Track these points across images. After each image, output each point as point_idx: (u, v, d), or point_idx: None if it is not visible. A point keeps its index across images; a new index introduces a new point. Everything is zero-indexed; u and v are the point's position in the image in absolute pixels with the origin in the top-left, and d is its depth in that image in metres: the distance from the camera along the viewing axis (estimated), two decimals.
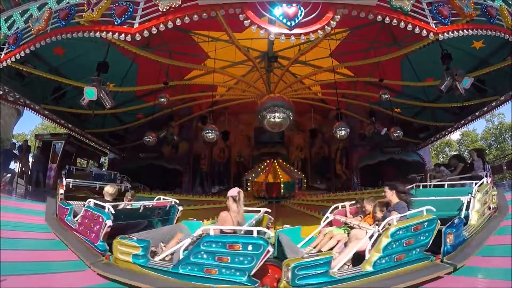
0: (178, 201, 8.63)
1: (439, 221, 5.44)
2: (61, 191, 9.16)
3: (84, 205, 7.20)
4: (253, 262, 4.63)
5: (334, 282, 4.68)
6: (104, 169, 19.13)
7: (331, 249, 6.01)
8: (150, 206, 7.93)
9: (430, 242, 5.38)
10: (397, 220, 5.33)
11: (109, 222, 6.25)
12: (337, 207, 7.56)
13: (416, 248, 5.28)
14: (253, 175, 17.31)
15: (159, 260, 5.39)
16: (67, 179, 10.03)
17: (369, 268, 4.92)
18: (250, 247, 4.67)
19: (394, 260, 5.09)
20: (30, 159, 17.05)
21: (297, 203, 15.19)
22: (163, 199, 8.49)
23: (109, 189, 8.16)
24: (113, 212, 6.42)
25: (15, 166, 16.39)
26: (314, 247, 6.36)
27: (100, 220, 6.37)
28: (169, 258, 5.58)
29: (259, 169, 17.60)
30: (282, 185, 16.33)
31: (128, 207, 8.02)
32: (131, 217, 7.50)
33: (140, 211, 7.59)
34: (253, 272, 4.66)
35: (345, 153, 21.61)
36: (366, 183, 19.75)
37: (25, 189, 15.53)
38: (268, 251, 4.66)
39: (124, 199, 9.17)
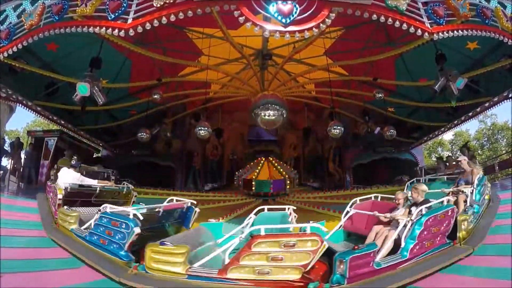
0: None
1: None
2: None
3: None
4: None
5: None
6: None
7: None
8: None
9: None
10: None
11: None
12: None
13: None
14: (247, 172, 17.29)
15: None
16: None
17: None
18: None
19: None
20: (22, 156, 16.91)
21: (297, 200, 15.17)
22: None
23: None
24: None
25: (7, 163, 16.29)
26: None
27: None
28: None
29: (252, 167, 17.58)
30: (274, 183, 16.32)
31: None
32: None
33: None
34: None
35: (338, 151, 21.56)
36: (358, 182, 19.76)
37: (17, 186, 15.41)
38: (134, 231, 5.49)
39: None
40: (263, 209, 7.25)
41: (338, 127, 12.26)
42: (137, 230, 5.62)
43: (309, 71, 14.99)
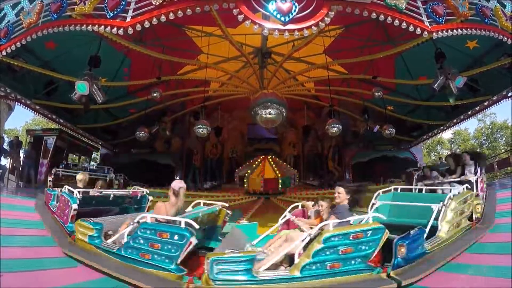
0: (148, 191, 9.32)
1: (387, 230, 4.95)
2: (50, 178, 10.10)
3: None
4: (178, 251, 4.89)
5: (255, 281, 4.51)
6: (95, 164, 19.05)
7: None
8: (121, 194, 8.77)
9: (375, 253, 4.92)
10: (334, 225, 4.94)
11: (75, 206, 7.04)
12: (296, 206, 7.19)
13: (356, 258, 4.82)
14: (245, 170, 17.29)
15: (111, 242, 5.76)
16: (57, 169, 10.81)
17: (296, 272, 4.61)
18: (176, 237, 4.94)
19: (327, 268, 4.70)
20: (21, 154, 16.90)
21: (282, 199, 15.18)
22: (204, 203, 7.75)
23: (79, 176, 8.87)
24: (79, 197, 7.19)
25: (6, 162, 16.28)
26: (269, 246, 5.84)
27: (69, 204, 7.18)
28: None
29: (251, 165, 17.58)
30: (274, 181, 16.33)
31: (97, 194, 8.56)
32: (102, 204, 8.21)
33: (110, 199, 8.36)
34: (179, 261, 4.92)
35: (337, 150, 21.61)
36: (358, 180, 19.77)
37: (16, 185, 15.41)
38: (191, 242, 4.89)
39: (95, 187, 9.55)
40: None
41: (336, 125, 12.27)
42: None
43: (309, 69, 14.97)
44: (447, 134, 45.15)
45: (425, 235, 5.43)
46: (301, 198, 15.01)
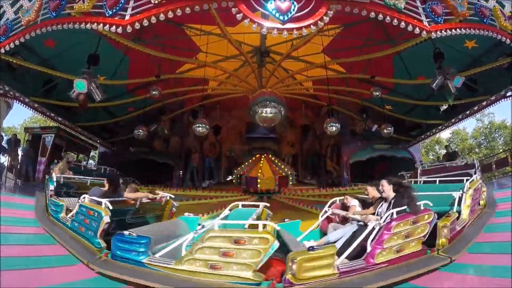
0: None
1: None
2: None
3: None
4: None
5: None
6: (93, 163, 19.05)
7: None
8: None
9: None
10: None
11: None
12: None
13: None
14: (244, 170, 17.31)
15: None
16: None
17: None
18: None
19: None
20: (20, 152, 16.87)
21: (289, 197, 15.20)
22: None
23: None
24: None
25: (4, 160, 16.26)
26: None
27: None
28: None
29: (250, 164, 17.60)
30: (272, 180, 16.35)
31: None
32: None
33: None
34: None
35: (336, 149, 21.60)
36: (356, 179, 19.82)
37: (14, 183, 15.38)
38: (104, 220, 5.58)
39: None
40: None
41: (335, 125, 12.28)
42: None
43: (307, 68, 14.97)
44: (445, 134, 45.26)
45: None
46: (300, 197, 15.08)
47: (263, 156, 17.84)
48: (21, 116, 64.95)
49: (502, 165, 17.97)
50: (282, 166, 17.59)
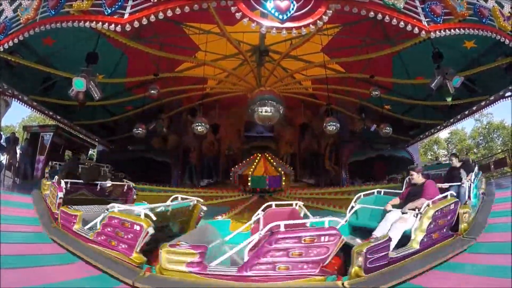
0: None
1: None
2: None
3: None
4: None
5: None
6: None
7: None
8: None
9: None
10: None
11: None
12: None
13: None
14: (242, 168, 17.31)
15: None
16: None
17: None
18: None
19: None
20: (18, 151, 16.85)
21: (293, 196, 15.19)
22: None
23: None
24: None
25: (2, 158, 16.23)
26: None
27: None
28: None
29: (248, 163, 17.61)
30: (269, 179, 16.36)
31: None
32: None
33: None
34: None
35: (334, 148, 21.59)
36: (354, 179, 19.85)
37: (12, 181, 15.36)
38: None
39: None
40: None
41: (334, 124, 12.27)
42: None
43: (306, 67, 14.98)
44: (444, 134, 45.38)
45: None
46: (299, 196, 15.08)
47: (259, 155, 17.86)
48: (19, 115, 64.52)
49: (501, 166, 18.04)
50: (278, 166, 17.58)
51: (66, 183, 9.07)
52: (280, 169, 17.22)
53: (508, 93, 13.86)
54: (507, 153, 19.95)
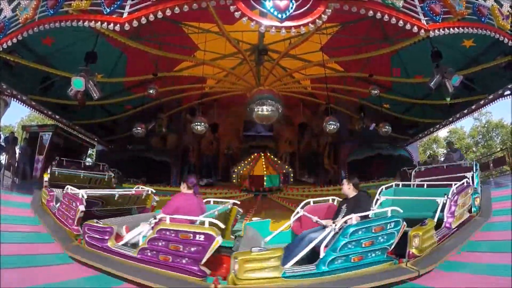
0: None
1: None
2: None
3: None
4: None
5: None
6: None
7: None
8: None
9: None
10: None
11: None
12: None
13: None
14: (241, 167, 17.33)
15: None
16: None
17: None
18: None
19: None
20: (17, 151, 16.83)
21: (281, 197, 15.23)
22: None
23: None
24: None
25: (1, 158, 16.22)
26: None
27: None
28: None
29: (247, 162, 17.63)
30: (268, 179, 16.40)
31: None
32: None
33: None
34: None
35: (333, 147, 21.60)
36: (353, 178, 19.81)
37: (11, 181, 15.34)
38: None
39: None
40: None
41: (334, 123, 12.26)
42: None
43: (305, 67, 14.98)
44: (443, 133, 45.41)
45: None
46: (298, 196, 15.09)
47: (255, 155, 17.90)
48: (18, 114, 64.70)
49: (500, 164, 18.04)
50: (276, 166, 17.60)
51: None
52: (278, 168, 17.25)
53: (507, 92, 13.87)
54: (506, 151, 19.97)
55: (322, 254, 4.74)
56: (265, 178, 16.55)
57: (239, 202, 7.73)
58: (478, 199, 7.60)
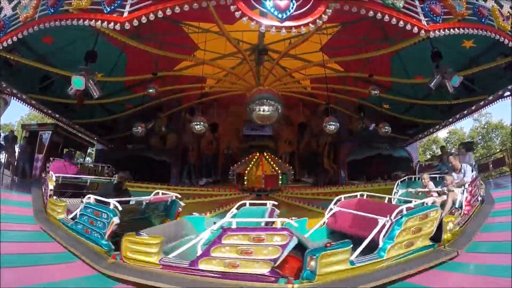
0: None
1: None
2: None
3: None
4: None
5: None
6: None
7: None
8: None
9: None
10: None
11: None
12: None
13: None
14: (241, 167, 17.32)
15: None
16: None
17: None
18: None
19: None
20: (17, 149, 16.81)
21: (290, 196, 15.22)
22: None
23: None
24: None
25: (1, 157, 16.20)
26: None
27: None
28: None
29: (247, 162, 17.62)
30: (269, 178, 16.39)
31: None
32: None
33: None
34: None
35: (333, 147, 21.56)
36: (353, 178, 19.83)
37: (11, 180, 15.32)
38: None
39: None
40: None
41: (334, 123, 12.27)
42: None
43: (305, 67, 14.98)
44: (442, 133, 45.41)
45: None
46: (298, 195, 15.09)
47: (257, 155, 17.89)
48: (18, 113, 64.47)
49: (499, 165, 18.03)
50: (275, 165, 17.60)
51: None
52: (277, 168, 17.25)
53: (507, 93, 13.89)
54: (505, 152, 19.94)
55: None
56: (266, 178, 16.56)
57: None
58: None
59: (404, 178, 9.06)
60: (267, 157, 17.81)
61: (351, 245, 4.99)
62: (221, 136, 22.19)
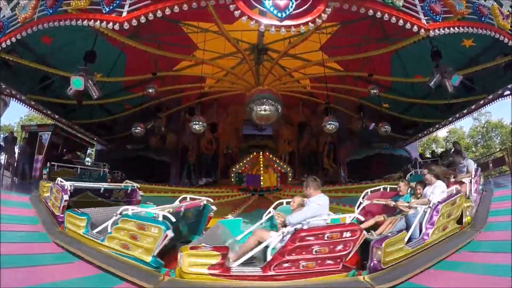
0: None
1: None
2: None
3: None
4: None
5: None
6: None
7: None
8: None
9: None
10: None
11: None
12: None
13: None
14: (240, 167, 17.33)
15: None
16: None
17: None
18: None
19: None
20: (16, 150, 16.80)
21: (292, 195, 15.21)
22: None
23: None
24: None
25: (1, 158, 16.19)
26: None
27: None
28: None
29: (246, 162, 17.63)
30: (268, 178, 16.41)
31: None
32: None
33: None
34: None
35: (333, 147, 21.61)
36: (353, 177, 19.86)
37: (11, 181, 15.31)
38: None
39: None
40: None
41: (333, 123, 12.28)
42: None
43: (305, 66, 14.98)
44: (442, 133, 45.38)
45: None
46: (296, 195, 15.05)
47: (255, 154, 17.93)
48: (17, 114, 64.49)
49: (499, 164, 18.01)
50: (275, 165, 17.61)
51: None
52: (278, 168, 17.26)
53: (507, 92, 13.86)
54: (505, 151, 19.90)
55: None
56: (266, 178, 16.60)
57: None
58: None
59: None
60: (266, 157, 17.82)
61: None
62: (221, 136, 22.22)
